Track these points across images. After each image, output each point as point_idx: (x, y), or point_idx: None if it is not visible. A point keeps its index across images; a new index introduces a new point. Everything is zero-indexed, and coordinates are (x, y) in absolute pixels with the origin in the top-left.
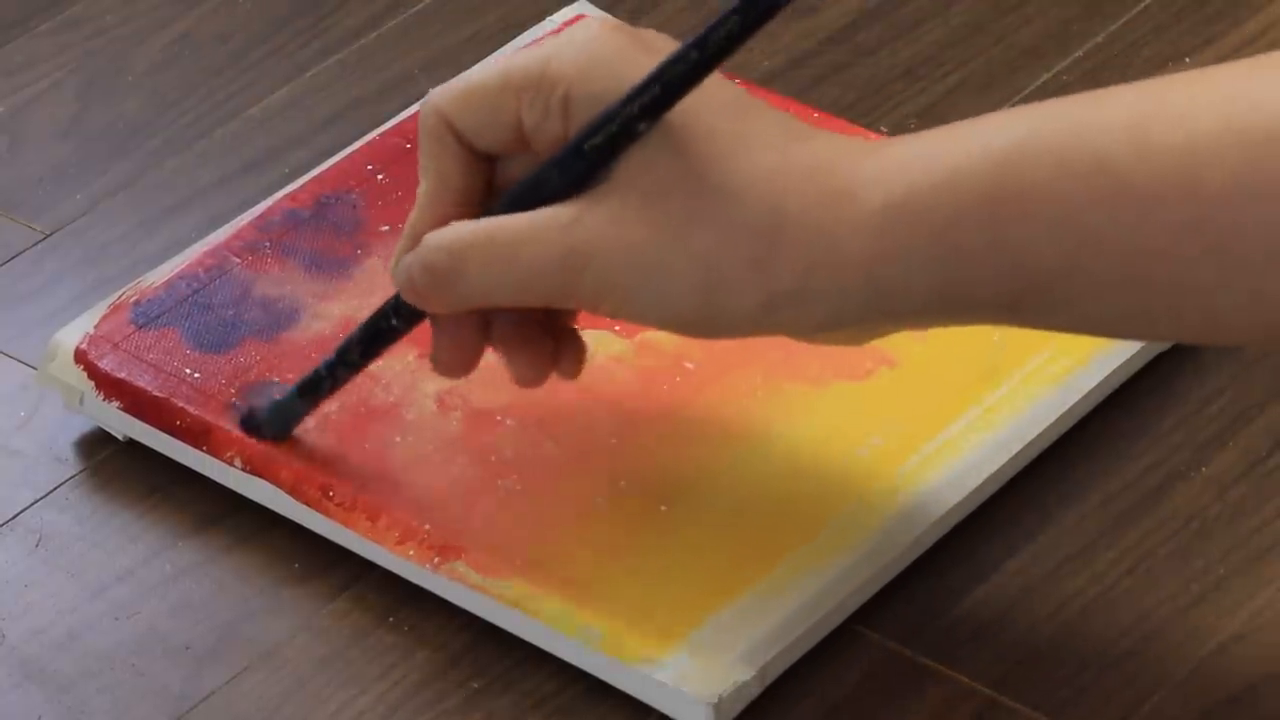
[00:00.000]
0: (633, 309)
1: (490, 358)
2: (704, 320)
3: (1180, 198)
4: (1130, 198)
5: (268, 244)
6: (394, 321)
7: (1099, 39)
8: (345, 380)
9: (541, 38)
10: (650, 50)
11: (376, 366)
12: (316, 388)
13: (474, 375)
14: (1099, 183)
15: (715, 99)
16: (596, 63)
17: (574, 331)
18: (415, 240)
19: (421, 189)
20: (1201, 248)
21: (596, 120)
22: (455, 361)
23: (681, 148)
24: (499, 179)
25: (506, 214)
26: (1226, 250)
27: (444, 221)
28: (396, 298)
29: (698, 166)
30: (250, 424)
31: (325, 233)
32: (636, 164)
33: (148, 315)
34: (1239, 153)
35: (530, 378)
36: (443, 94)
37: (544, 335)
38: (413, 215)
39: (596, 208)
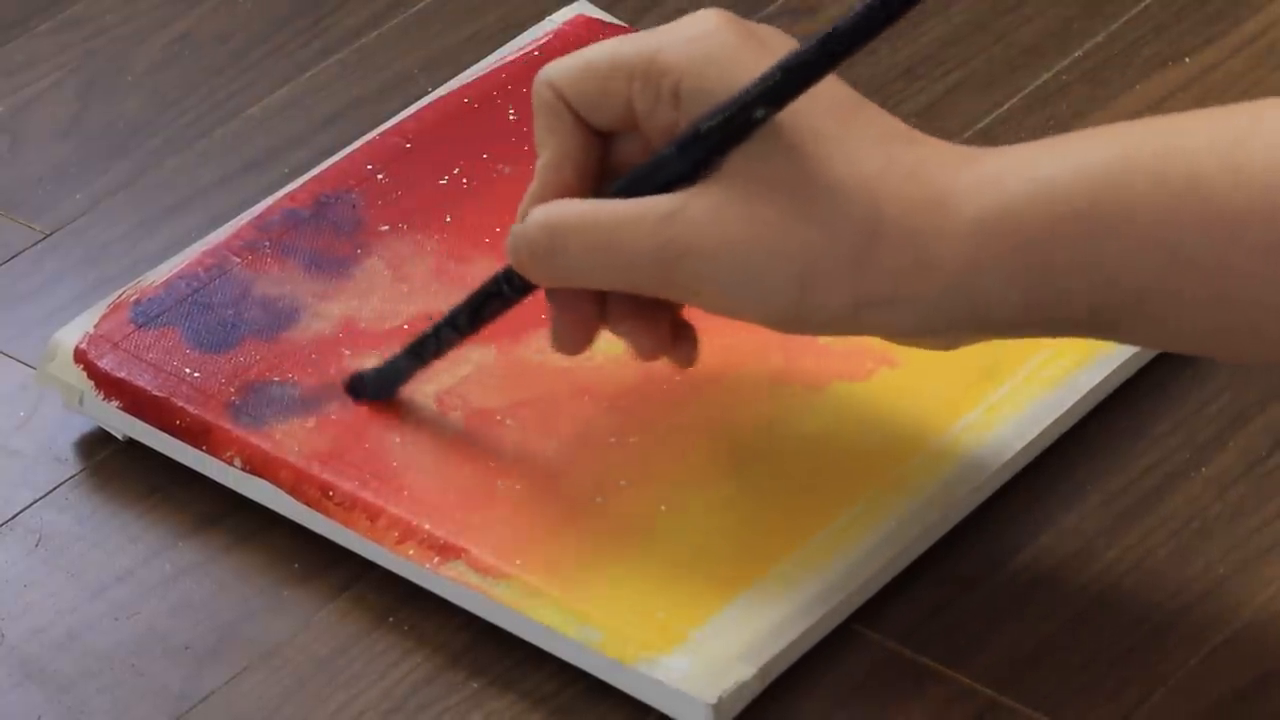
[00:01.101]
0: (726, 303)
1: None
2: (795, 318)
3: (1269, 219)
4: (1222, 218)
5: (267, 243)
6: (505, 289)
7: (1099, 38)
8: (451, 345)
9: (542, 38)
10: (765, 46)
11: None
12: (423, 351)
13: (474, 376)
14: (1192, 202)
15: (823, 98)
16: (710, 59)
17: (686, 321)
18: (528, 209)
19: (540, 161)
20: None
21: (717, 106)
22: (569, 338)
23: (787, 147)
24: (614, 157)
25: (614, 198)
26: None
27: (561, 194)
28: (509, 266)
29: (802, 166)
30: (356, 387)
31: (325, 232)
32: (742, 161)
33: (147, 315)
34: None
35: (646, 355)
36: (555, 68)
37: (660, 318)
38: (531, 185)
39: (698, 201)
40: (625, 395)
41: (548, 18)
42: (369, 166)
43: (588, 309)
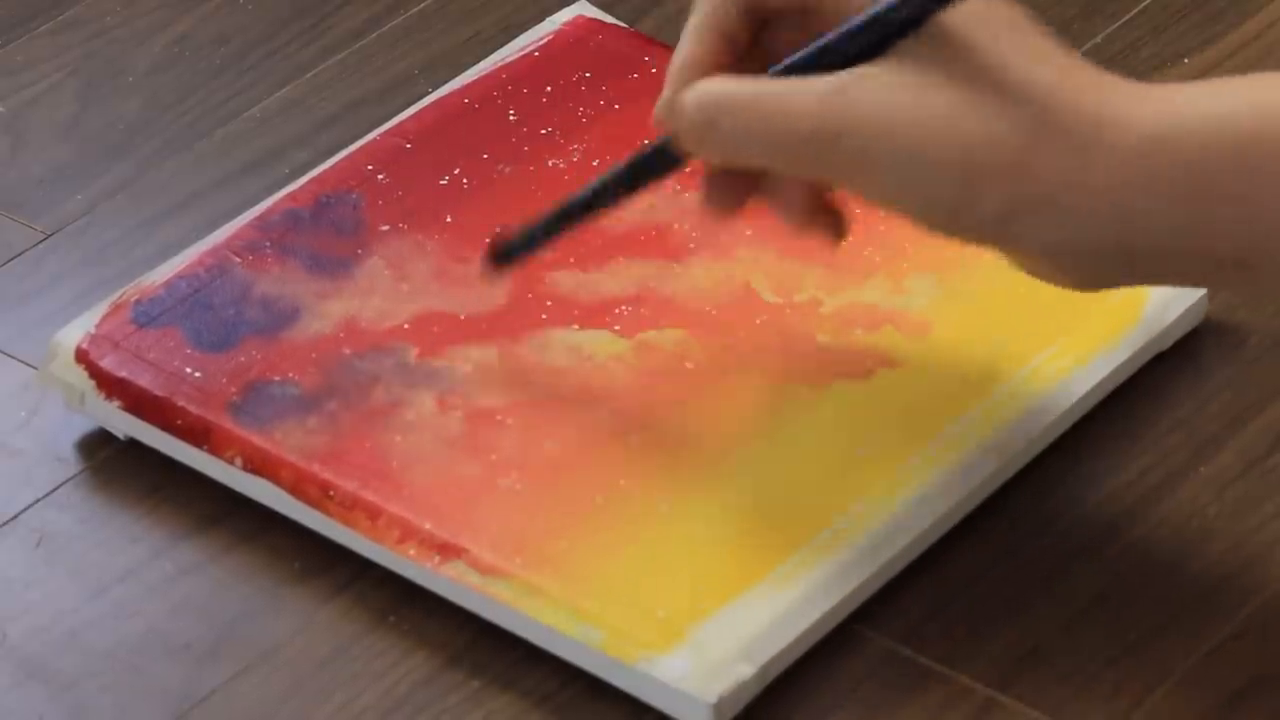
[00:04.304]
0: (883, 188)
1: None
2: (950, 212)
3: None
4: None
5: (268, 244)
6: (658, 161)
7: (1099, 39)
8: (599, 214)
9: (542, 39)
10: None
11: (378, 365)
12: (570, 216)
13: (474, 375)
14: None
15: (999, 12)
16: None
17: (833, 199)
18: (678, 75)
19: (690, 23)
20: None
21: None
22: (722, 199)
23: (960, 43)
24: (767, 45)
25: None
26: None
27: (702, 60)
28: (664, 140)
29: (974, 62)
30: (498, 251)
31: (325, 233)
32: (912, 48)
33: (149, 315)
34: None
35: (799, 218)
36: None
37: (813, 195)
38: (679, 52)
39: (865, 81)
40: (625, 395)
41: (548, 18)
42: (369, 167)
43: (742, 177)
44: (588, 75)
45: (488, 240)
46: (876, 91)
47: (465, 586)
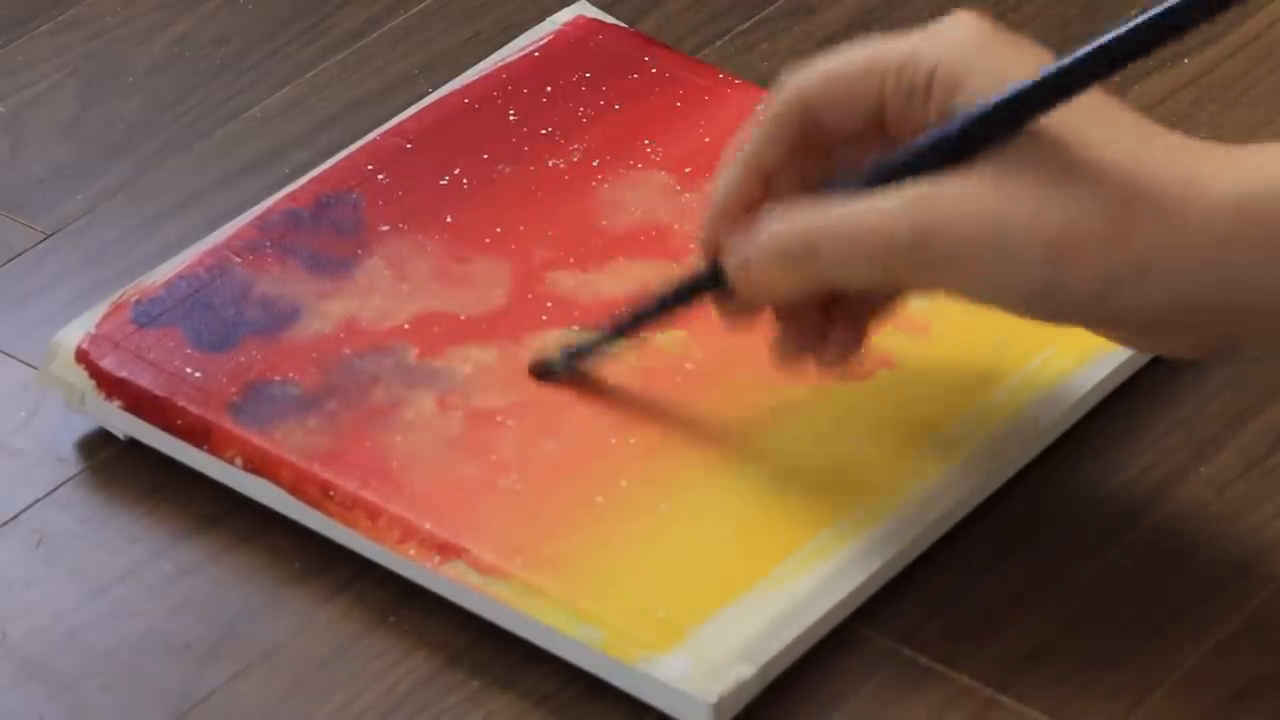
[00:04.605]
0: (979, 282)
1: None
2: (1047, 294)
3: None
4: None
5: (268, 244)
6: (706, 290)
7: None
8: (637, 335)
9: (542, 39)
10: (1018, 46)
11: (378, 365)
12: (608, 340)
13: (475, 376)
14: None
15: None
16: (966, 48)
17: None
18: (729, 207)
19: (741, 156)
20: None
21: (986, 106)
22: (794, 350)
23: (1038, 130)
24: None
25: (852, 192)
26: None
27: (748, 195)
28: (713, 270)
29: (1055, 146)
30: (542, 370)
31: (325, 233)
32: (993, 149)
33: (149, 314)
34: None
35: (833, 370)
36: (806, 77)
37: (874, 325)
38: (722, 181)
39: (949, 183)
40: (625, 395)
41: (548, 19)
42: (369, 167)
43: (814, 316)
44: (588, 75)
45: (530, 361)
46: (964, 187)
47: (465, 586)
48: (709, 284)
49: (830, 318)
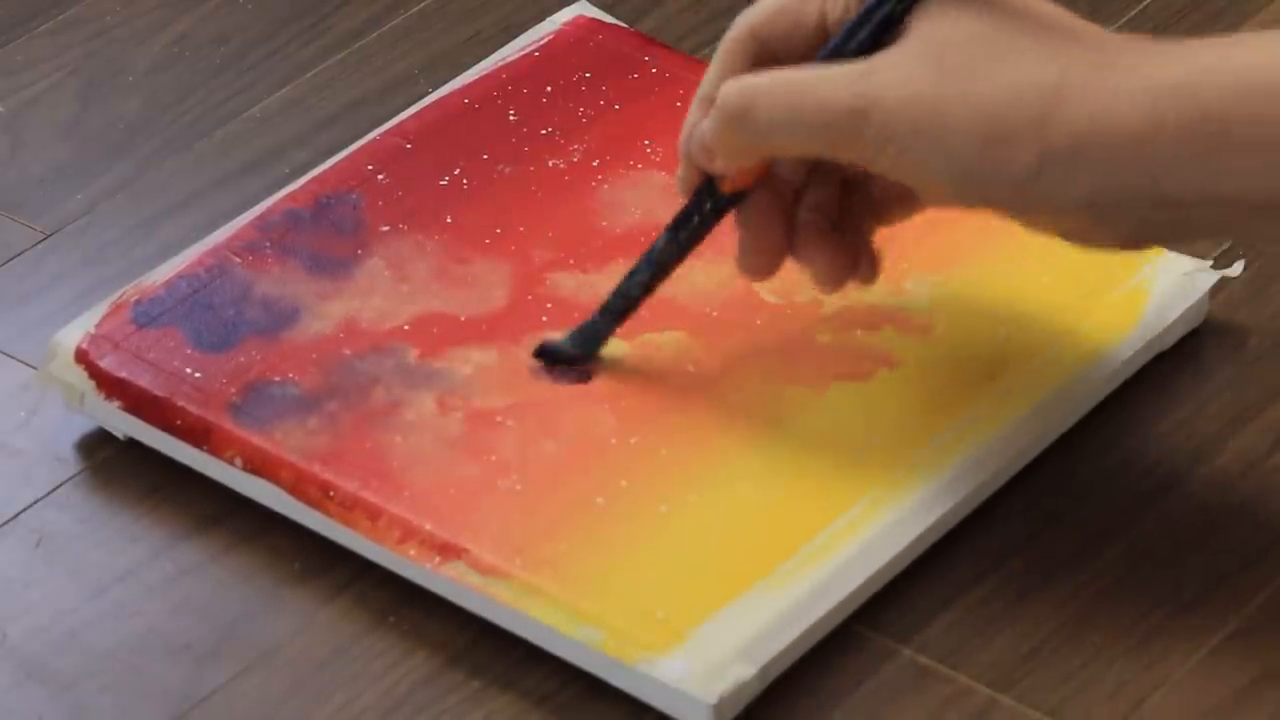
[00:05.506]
0: (911, 158)
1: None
2: (976, 176)
3: None
4: None
5: (268, 244)
6: (707, 206)
7: None
8: (655, 287)
9: (542, 39)
10: None
11: (378, 366)
12: (626, 302)
13: (475, 376)
14: None
15: None
16: None
17: (869, 241)
18: (704, 105)
19: (698, 93)
20: None
21: None
22: (758, 264)
23: (972, 11)
24: None
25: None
26: None
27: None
28: (707, 182)
29: (988, 26)
30: (550, 353)
31: (325, 233)
32: (927, 24)
33: (148, 315)
34: None
35: (829, 283)
36: (753, 9)
37: (843, 243)
38: (686, 124)
39: (886, 58)
40: (625, 395)
41: (548, 18)
42: (369, 167)
43: (776, 233)
44: (588, 75)
45: (536, 347)
46: (899, 65)
47: (465, 587)
48: (694, 209)
49: (818, 230)
